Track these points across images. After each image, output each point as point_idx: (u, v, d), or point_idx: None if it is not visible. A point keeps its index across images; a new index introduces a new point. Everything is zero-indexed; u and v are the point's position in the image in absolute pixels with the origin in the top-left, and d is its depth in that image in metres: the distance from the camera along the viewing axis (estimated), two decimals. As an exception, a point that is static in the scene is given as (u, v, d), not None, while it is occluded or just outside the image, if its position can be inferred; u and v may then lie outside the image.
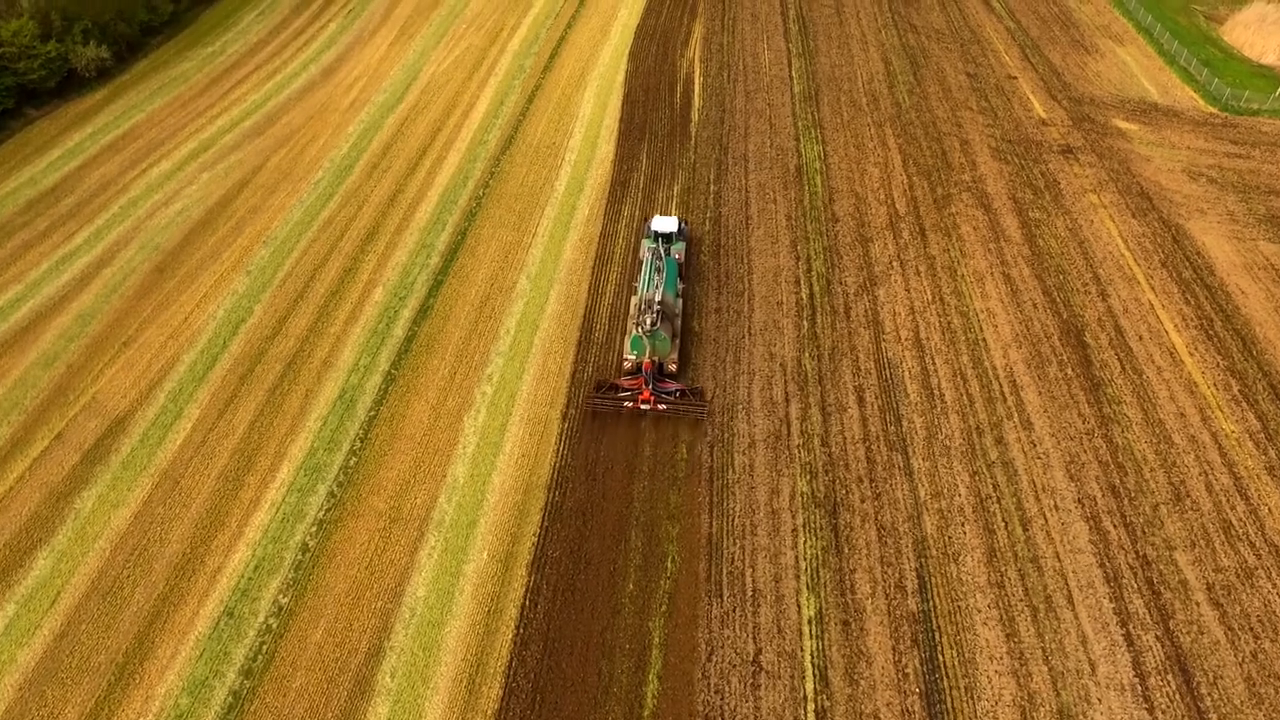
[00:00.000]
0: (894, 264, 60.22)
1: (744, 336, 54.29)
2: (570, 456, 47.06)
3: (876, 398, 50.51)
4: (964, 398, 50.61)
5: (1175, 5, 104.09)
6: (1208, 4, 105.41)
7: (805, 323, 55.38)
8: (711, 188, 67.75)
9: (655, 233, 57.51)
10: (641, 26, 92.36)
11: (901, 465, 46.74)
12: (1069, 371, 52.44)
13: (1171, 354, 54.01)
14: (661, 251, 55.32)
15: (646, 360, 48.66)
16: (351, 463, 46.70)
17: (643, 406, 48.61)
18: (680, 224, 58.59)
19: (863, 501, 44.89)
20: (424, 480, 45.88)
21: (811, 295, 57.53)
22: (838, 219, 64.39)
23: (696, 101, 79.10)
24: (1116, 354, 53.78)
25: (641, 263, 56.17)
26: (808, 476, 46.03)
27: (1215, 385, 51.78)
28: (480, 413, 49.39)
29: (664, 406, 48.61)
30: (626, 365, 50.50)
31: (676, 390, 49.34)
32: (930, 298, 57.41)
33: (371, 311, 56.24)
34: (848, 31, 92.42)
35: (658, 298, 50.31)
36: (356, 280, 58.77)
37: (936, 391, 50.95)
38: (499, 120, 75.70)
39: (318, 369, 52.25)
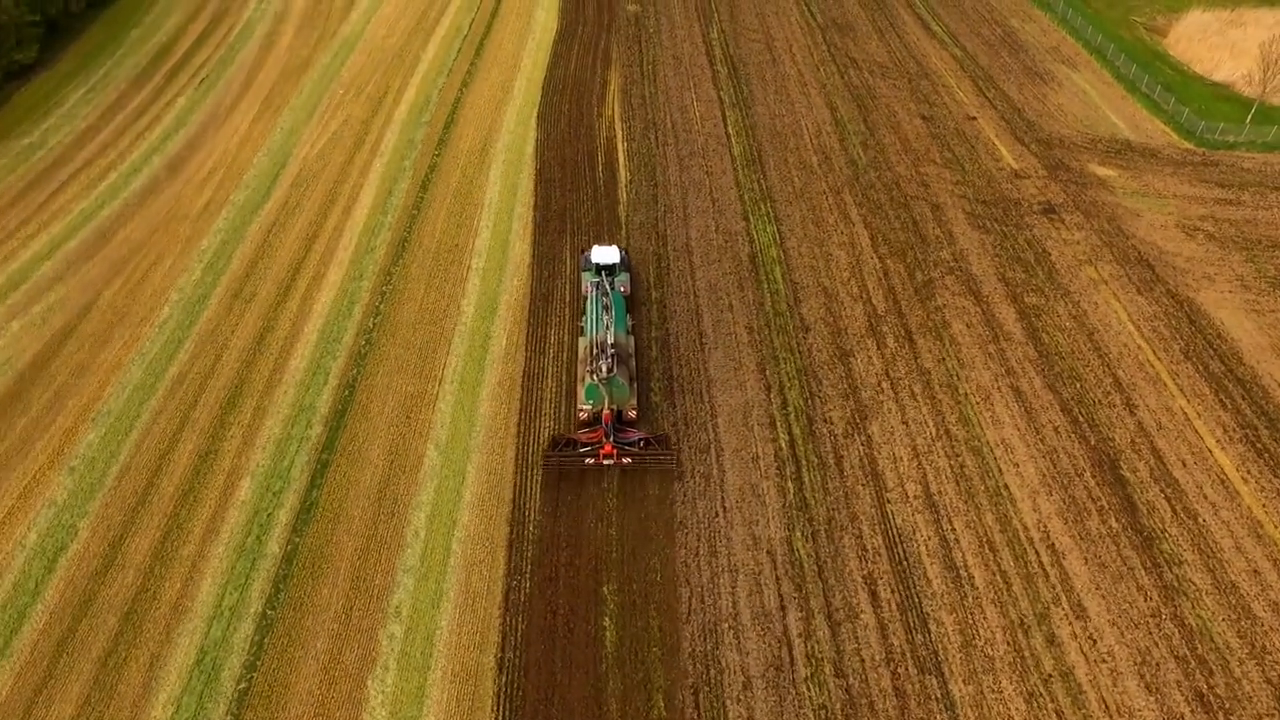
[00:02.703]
0: (883, 385, 50.02)
1: (717, 514, 43.26)
2: (513, 731, 35.33)
3: (893, 591, 40.14)
4: (997, 578, 40.68)
5: (1115, 18, 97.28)
6: (1145, 15, 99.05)
7: (790, 484, 44.68)
8: (653, 294, 56.45)
9: (596, 264, 52.52)
10: (549, 79, 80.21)
11: (939, 694, 36.46)
12: (1113, 523, 43.06)
13: (1223, 482, 45.25)
14: (607, 286, 50.51)
15: (606, 411, 44.10)
16: (214, 774, 34.05)
17: (605, 462, 43.46)
18: (621, 253, 54.33)
19: (901, 762, 34.41)
20: (316, 793, 33.57)
21: (792, 442, 46.86)
22: (808, 327, 53.87)
23: (623, 175, 67.60)
24: (1162, 490, 44.72)
25: (585, 299, 51.51)
26: (826, 730, 35.32)
27: (1282, 524, 43.09)
28: (389, 670, 37.23)
29: (628, 460, 43.78)
30: (582, 416, 45.42)
31: (639, 440, 44.48)
32: (934, 431, 47.39)
33: (237, 518, 43.30)
34: (783, 72, 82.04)
35: (610, 339, 46.12)
36: (216, 469, 45.65)
37: (963, 572, 40.89)
38: (388, 217, 62.79)
39: (166, 618, 39.24)
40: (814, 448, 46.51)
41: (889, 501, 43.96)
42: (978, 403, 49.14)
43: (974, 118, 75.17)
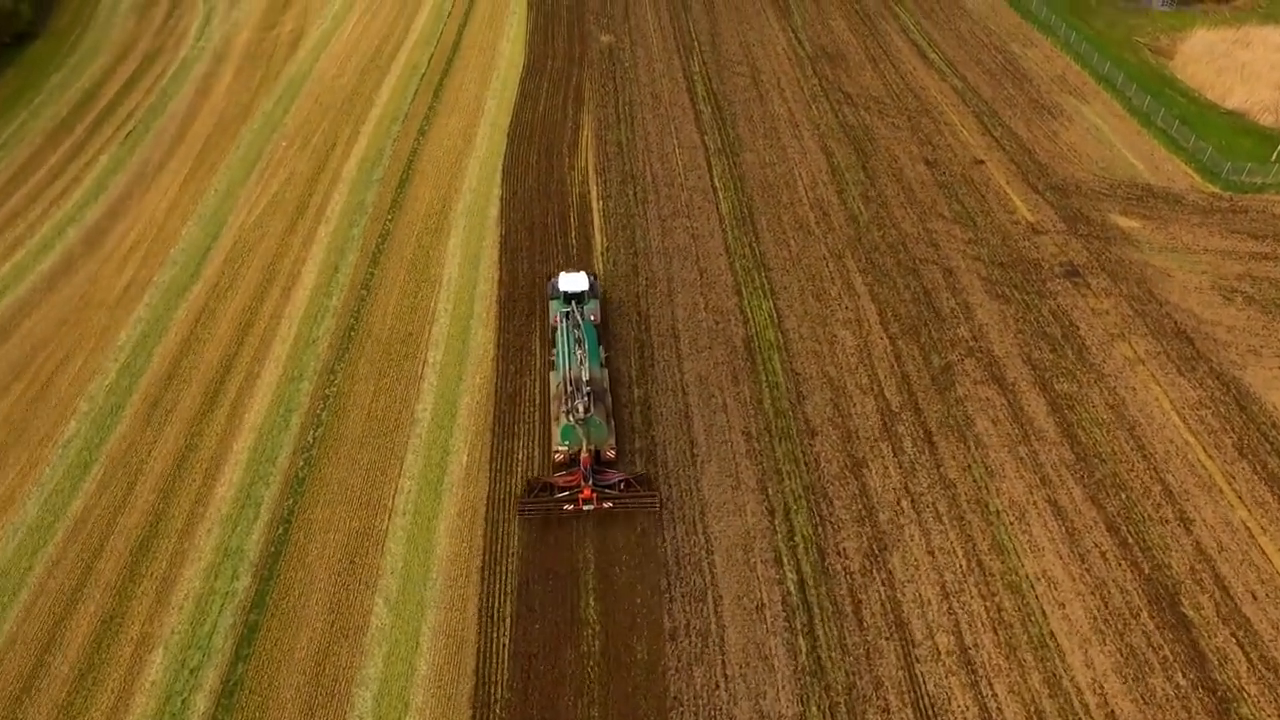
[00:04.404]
0: (903, 504, 43.47)
1: (717, 685, 36.49)
2: None
3: (931, 785, 33.52)
4: (1054, 763, 34.17)
5: (1118, 39, 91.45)
6: (1148, 35, 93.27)
7: (802, 641, 38.00)
8: (635, 391, 49.59)
9: (564, 293, 50.03)
10: (516, 124, 73.00)
11: None
12: (1180, 680, 36.73)
13: (1300, 619, 38.98)
14: (578, 316, 48.20)
15: (585, 453, 41.76)
16: None
17: (585, 506, 41.23)
18: (590, 279, 51.61)
19: None
20: None
21: (802, 583, 40.19)
22: (814, 430, 47.21)
23: (598, 240, 60.63)
24: (1232, 632, 38.49)
25: (554, 331, 49.14)
26: None
27: (1374, 673, 36.85)
28: None
29: (609, 504, 41.57)
30: (557, 458, 43.20)
31: (619, 481, 42.18)
32: (965, 565, 40.89)
33: (145, 706, 36.15)
34: (772, 110, 75.29)
35: (585, 376, 44.03)
36: (122, 638, 38.44)
37: (1013, 756, 34.34)
38: (333, 300, 55.50)
39: None
40: (828, 590, 39.86)
41: (918, 660, 37.39)
42: (1012, 522, 42.69)
43: (982, 161, 68.82)
